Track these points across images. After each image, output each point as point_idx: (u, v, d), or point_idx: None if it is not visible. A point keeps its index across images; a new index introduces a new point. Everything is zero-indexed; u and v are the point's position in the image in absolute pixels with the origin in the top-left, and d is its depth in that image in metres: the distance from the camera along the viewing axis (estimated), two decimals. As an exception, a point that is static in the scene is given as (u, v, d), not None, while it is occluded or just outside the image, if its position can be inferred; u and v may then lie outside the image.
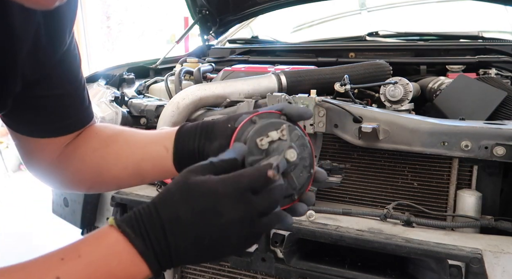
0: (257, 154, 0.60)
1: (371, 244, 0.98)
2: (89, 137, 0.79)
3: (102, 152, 0.77)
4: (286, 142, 0.60)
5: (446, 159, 1.14)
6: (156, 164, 0.72)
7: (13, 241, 2.90)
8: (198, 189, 0.51)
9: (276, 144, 0.60)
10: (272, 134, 0.61)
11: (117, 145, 0.77)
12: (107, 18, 7.38)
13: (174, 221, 0.50)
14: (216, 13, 2.30)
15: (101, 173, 0.77)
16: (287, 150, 0.59)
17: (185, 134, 0.69)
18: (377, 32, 2.34)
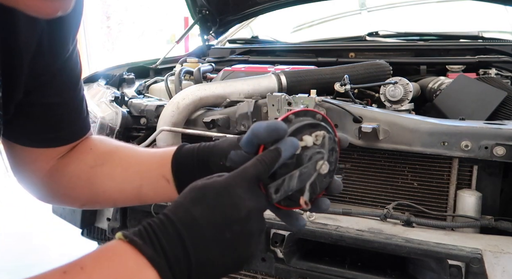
0: (290, 157, 0.56)
1: (371, 244, 0.98)
2: (84, 152, 0.76)
3: (97, 170, 0.74)
4: (320, 151, 0.57)
5: (446, 159, 1.14)
6: (158, 193, 0.71)
7: (13, 241, 2.90)
8: (210, 188, 0.50)
9: (309, 151, 0.57)
10: (307, 139, 0.57)
11: (112, 165, 0.74)
12: (107, 18, 7.38)
13: (189, 223, 0.47)
14: (216, 13, 2.30)
15: (96, 192, 0.74)
16: (320, 161, 0.56)
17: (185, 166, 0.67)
18: (377, 32, 2.34)
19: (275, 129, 0.55)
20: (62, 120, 0.73)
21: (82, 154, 0.76)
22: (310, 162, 0.56)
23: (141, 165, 0.72)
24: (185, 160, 0.68)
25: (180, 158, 0.68)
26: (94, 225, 1.51)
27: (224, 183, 0.50)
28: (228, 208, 0.48)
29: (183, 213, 0.47)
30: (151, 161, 0.71)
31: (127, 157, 0.75)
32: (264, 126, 0.56)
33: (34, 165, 0.75)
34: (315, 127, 0.58)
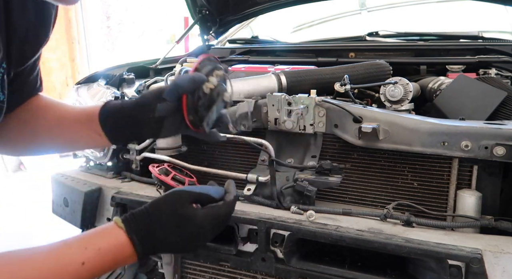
0: (203, 97, 0.80)
1: (371, 244, 0.98)
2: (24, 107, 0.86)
3: (33, 124, 0.86)
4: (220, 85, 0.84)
5: (446, 159, 1.14)
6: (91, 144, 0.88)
7: (13, 241, 2.90)
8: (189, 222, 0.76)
9: (216, 89, 0.82)
10: (212, 79, 0.82)
11: (47, 119, 0.86)
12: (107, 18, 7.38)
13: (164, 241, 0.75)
14: (216, 13, 2.30)
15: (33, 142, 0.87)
16: (226, 93, 0.86)
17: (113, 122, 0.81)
18: (377, 32, 2.34)
19: (197, 80, 0.78)
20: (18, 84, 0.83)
21: (23, 109, 0.86)
22: (219, 97, 0.84)
23: (72, 120, 0.85)
24: (113, 117, 0.81)
25: (107, 114, 0.81)
26: (94, 225, 1.51)
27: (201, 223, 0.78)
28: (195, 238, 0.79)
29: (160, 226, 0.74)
30: (81, 117, 0.84)
31: (60, 111, 0.88)
32: (188, 78, 0.77)
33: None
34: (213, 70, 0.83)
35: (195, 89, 0.79)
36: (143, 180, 1.41)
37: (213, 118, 0.85)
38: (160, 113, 0.79)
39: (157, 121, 0.80)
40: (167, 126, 0.82)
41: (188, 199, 0.76)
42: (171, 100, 0.79)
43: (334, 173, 1.16)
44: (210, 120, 0.83)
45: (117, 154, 1.47)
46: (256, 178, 1.20)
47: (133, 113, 0.80)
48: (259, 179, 1.20)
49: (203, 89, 0.80)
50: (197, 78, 0.78)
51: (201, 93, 0.80)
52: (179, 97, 0.79)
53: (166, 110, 0.80)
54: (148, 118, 0.79)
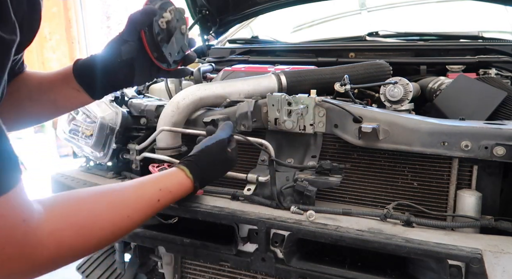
0: (161, 33, 0.89)
1: (371, 244, 0.98)
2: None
3: (15, 95, 0.89)
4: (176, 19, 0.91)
5: (446, 159, 1.14)
6: (72, 102, 0.91)
7: (13, 241, 2.89)
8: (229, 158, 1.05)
9: (172, 23, 0.90)
10: (167, 15, 0.88)
11: (27, 87, 0.91)
12: (107, 18, 7.38)
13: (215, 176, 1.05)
14: (216, 13, 2.30)
15: (18, 113, 0.91)
16: (183, 26, 0.94)
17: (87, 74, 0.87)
18: (377, 32, 2.34)
19: (148, 11, 0.83)
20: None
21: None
22: (176, 30, 0.92)
23: (50, 83, 0.89)
24: (86, 70, 0.86)
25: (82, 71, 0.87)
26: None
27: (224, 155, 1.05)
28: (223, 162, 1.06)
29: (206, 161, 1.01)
30: (58, 78, 0.89)
31: (38, 78, 0.92)
32: (139, 12, 0.82)
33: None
34: (167, 5, 0.89)
35: (150, 23, 0.85)
36: (143, 180, 1.41)
37: (176, 49, 0.94)
38: (127, 55, 0.85)
39: (127, 65, 0.87)
40: (138, 69, 0.89)
41: (226, 145, 1.03)
42: (132, 40, 0.85)
43: (334, 173, 1.16)
44: (172, 51, 0.93)
45: (117, 154, 1.47)
46: (256, 178, 1.20)
47: (102, 61, 0.85)
48: (259, 179, 1.20)
49: (159, 25, 0.87)
50: (148, 10, 0.83)
51: (158, 28, 0.87)
52: (139, 36, 0.85)
53: (130, 50, 0.85)
54: (117, 63, 0.85)
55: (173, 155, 1.37)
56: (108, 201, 0.78)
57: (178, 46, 0.97)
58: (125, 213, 0.79)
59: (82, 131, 1.48)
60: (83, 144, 1.49)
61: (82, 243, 0.71)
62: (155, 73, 0.98)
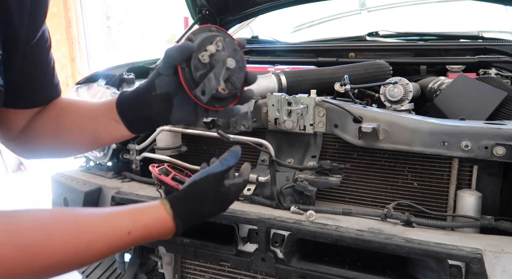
0: (202, 68, 0.74)
1: (371, 244, 0.98)
2: (49, 109, 0.90)
3: (59, 121, 0.88)
4: (223, 52, 0.76)
5: (446, 159, 1.14)
6: (111, 134, 0.86)
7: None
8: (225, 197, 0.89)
9: (216, 56, 0.75)
10: (210, 48, 0.74)
11: (71, 115, 0.89)
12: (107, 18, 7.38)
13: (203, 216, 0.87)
14: (216, 13, 2.30)
15: (59, 140, 0.89)
16: (227, 60, 0.75)
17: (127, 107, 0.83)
18: (377, 32, 2.34)
19: (185, 48, 0.73)
20: (37, 85, 0.87)
21: (47, 110, 0.90)
22: (220, 64, 0.75)
23: (94, 112, 0.87)
24: (127, 102, 0.83)
25: (123, 102, 0.83)
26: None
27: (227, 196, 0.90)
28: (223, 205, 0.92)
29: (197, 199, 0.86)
30: (101, 108, 0.86)
31: (83, 106, 0.91)
32: (175, 48, 0.73)
33: (13, 123, 0.88)
34: (214, 38, 0.75)
35: (187, 58, 0.73)
36: (143, 180, 1.41)
37: (213, 86, 0.74)
38: (161, 89, 0.77)
39: (162, 100, 0.78)
40: (177, 106, 0.80)
41: (222, 178, 0.87)
42: (167, 74, 0.76)
43: (334, 173, 1.17)
44: (208, 88, 0.74)
45: (117, 154, 1.47)
46: (256, 178, 1.20)
47: (141, 94, 0.79)
48: (259, 179, 1.20)
49: (199, 58, 0.73)
50: (185, 47, 0.72)
51: (198, 63, 0.73)
52: (175, 70, 0.75)
53: (165, 85, 0.77)
54: (152, 97, 0.78)
55: (173, 155, 1.37)
56: (66, 222, 0.67)
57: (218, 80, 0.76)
58: (84, 240, 0.67)
59: (82, 131, 1.48)
60: (83, 144, 1.49)
61: (25, 267, 0.60)
62: (202, 112, 0.83)
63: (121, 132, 0.85)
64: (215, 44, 0.75)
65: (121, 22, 7.58)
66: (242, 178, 0.92)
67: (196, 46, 0.73)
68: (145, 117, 0.81)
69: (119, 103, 0.83)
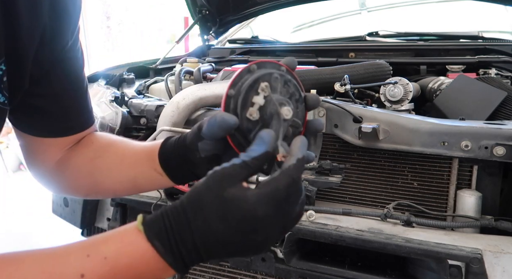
0: (254, 126, 0.58)
1: (371, 244, 0.98)
2: (86, 146, 0.81)
3: (95, 162, 0.79)
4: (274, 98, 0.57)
5: (446, 159, 1.14)
6: (153, 184, 0.76)
7: (13, 241, 2.90)
8: (237, 209, 0.49)
9: (266, 107, 0.57)
10: (257, 100, 0.57)
11: (109, 158, 0.79)
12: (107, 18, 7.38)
13: (209, 239, 0.50)
14: (216, 13, 2.30)
15: (96, 183, 0.79)
16: (280, 111, 0.56)
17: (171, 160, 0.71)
18: (377, 32, 2.34)
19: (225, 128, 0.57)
20: (69, 110, 0.78)
21: (84, 147, 0.81)
22: (274, 118, 0.57)
23: (133, 158, 0.76)
24: (170, 155, 0.71)
25: (165, 153, 0.72)
26: (94, 225, 1.51)
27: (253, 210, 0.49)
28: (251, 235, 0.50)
29: (203, 224, 0.49)
30: (142, 155, 0.75)
31: (122, 150, 0.79)
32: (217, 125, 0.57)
33: (44, 155, 0.79)
34: (257, 83, 0.57)
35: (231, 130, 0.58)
36: (143, 180, 1.41)
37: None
38: (206, 152, 0.66)
39: (209, 161, 0.66)
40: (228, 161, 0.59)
41: (233, 177, 0.51)
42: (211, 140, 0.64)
43: (334, 173, 1.17)
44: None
45: (117, 154, 1.47)
46: (256, 178, 1.20)
47: (185, 154, 0.69)
48: (259, 179, 1.20)
49: (248, 118, 0.57)
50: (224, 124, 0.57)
51: (248, 123, 0.57)
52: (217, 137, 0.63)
53: (210, 149, 0.66)
54: (197, 159, 0.67)
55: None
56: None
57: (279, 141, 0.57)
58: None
59: (82, 131, 1.48)
60: (83, 144, 1.49)
61: None
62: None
63: (165, 183, 0.75)
64: (261, 92, 0.57)
65: (121, 22, 7.59)
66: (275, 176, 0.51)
67: (240, 102, 0.57)
68: (192, 173, 0.71)
69: (163, 158, 0.72)
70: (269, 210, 0.49)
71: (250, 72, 0.59)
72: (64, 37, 0.72)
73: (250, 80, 0.57)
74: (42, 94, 0.72)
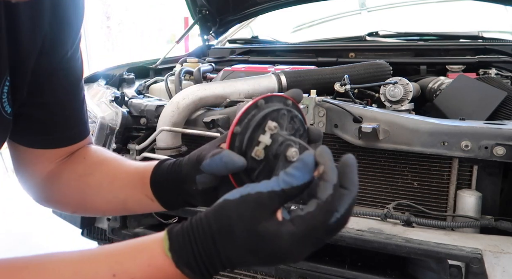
0: (258, 165, 0.55)
1: (371, 244, 0.98)
2: (77, 161, 0.78)
3: (86, 179, 0.76)
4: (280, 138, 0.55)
5: (446, 159, 1.14)
6: (144, 208, 0.73)
7: (13, 241, 2.90)
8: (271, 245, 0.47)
9: (273, 148, 0.54)
10: (264, 139, 0.54)
11: (100, 176, 0.76)
12: (107, 18, 7.39)
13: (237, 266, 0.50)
14: (216, 13, 2.31)
15: (85, 201, 0.77)
16: (287, 153, 0.54)
17: (163, 188, 0.68)
18: (377, 32, 2.34)
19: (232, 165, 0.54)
20: (62, 121, 0.75)
21: (75, 162, 0.77)
22: (280, 160, 0.54)
23: (125, 180, 0.73)
24: (162, 183, 0.68)
25: (158, 181, 0.69)
26: (94, 225, 1.51)
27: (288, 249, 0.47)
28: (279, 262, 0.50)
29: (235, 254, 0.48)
30: (133, 178, 0.72)
31: (114, 169, 0.76)
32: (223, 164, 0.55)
33: (35, 166, 0.76)
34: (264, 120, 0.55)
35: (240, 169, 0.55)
36: (143, 180, 1.41)
37: None
38: (204, 185, 0.63)
39: (206, 193, 0.64)
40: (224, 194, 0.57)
41: (269, 206, 0.48)
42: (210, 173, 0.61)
43: (334, 173, 1.16)
44: None
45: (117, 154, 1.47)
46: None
47: (180, 184, 0.66)
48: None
49: (253, 157, 0.55)
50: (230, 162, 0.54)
51: (253, 162, 0.55)
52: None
53: (209, 181, 0.63)
54: (193, 190, 0.64)
55: (173, 155, 1.37)
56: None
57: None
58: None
59: (82, 131, 1.48)
60: (83, 144, 1.48)
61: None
62: None
63: (156, 208, 0.72)
64: (268, 130, 0.54)
65: (121, 22, 7.59)
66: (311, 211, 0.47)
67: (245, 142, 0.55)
68: (186, 202, 0.69)
69: (155, 185, 0.69)
70: (304, 248, 0.47)
71: (257, 107, 0.56)
72: (64, 46, 0.70)
73: (258, 117, 0.55)
74: (36, 104, 0.69)
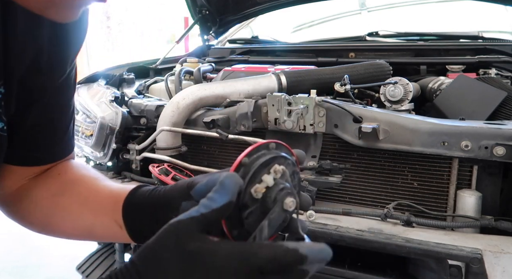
0: (252, 204, 0.52)
1: (371, 244, 0.98)
2: (51, 177, 0.74)
3: (56, 200, 0.72)
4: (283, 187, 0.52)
5: (446, 159, 1.14)
6: (110, 235, 0.70)
7: (13, 241, 2.90)
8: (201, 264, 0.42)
9: (273, 191, 0.52)
10: (267, 179, 0.52)
11: (71, 198, 0.72)
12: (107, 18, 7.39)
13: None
14: (216, 13, 2.31)
15: (51, 223, 0.73)
16: (286, 200, 0.51)
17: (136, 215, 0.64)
18: (377, 32, 2.34)
19: (228, 195, 0.47)
20: (44, 141, 0.72)
21: (48, 179, 0.74)
22: (276, 205, 0.51)
23: (95, 203, 0.70)
24: (136, 209, 0.64)
25: (132, 204, 0.65)
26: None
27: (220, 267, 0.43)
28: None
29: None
30: (106, 202, 0.69)
31: (87, 191, 0.73)
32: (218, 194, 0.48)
33: (3, 181, 0.72)
34: (272, 162, 0.53)
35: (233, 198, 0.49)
36: (143, 180, 1.41)
37: (264, 237, 0.50)
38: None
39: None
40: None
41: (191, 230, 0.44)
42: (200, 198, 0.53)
43: (334, 173, 1.17)
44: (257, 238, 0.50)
45: (117, 154, 1.47)
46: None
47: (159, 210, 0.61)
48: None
49: (251, 193, 0.52)
50: (228, 192, 0.48)
51: (249, 199, 0.52)
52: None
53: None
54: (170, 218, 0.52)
55: (173, 155, 1.37)
56: None
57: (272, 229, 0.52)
58: None
59: (82, 131, 1.48)
60: (83, 144, 1.49)
61: None
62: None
63: (122, 238, 0.68)
64: (273, 172, 0.52)
65: (121, 22, 7.59)
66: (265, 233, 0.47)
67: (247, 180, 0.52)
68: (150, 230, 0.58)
69: (128, 208, 0.65)
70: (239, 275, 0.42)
71: (268, 149, 0.55)
72: (63, 67, 0.68)
73: (267, 157, 0.53)
74: (22, 122, 0.66)
